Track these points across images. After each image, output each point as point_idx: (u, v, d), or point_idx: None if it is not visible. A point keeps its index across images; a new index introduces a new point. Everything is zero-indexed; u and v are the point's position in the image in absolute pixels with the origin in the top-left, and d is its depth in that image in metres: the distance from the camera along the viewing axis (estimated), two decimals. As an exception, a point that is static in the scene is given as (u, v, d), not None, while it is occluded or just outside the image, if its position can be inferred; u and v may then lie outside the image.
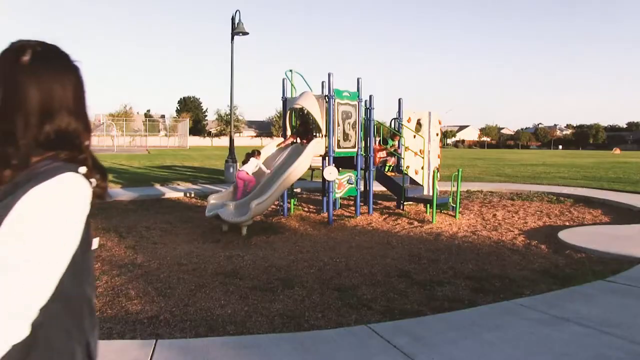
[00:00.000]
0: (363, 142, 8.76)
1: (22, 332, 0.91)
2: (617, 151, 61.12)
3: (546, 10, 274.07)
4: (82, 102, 1.09)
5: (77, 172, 1.01)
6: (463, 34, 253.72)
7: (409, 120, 9.53)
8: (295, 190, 9.26)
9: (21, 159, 0.98)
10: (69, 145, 1.04)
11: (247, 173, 8.10)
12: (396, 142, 9.82)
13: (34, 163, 1.00)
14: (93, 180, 1.05)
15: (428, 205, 8.79)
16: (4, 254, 0.90)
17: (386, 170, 9.81)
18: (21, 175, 0.97)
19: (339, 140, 8.19)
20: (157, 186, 12.65)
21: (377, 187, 9.63)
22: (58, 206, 0.96)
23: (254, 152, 8.43)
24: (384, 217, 8.61)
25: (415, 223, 8.10)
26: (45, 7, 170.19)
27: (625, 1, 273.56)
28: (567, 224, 8.23)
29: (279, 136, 10.06)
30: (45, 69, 1.03)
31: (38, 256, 0.92)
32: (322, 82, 8.80)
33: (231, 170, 13.79)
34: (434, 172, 9.20)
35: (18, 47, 1.03)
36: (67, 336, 1.02)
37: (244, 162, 8.42)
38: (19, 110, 0.99)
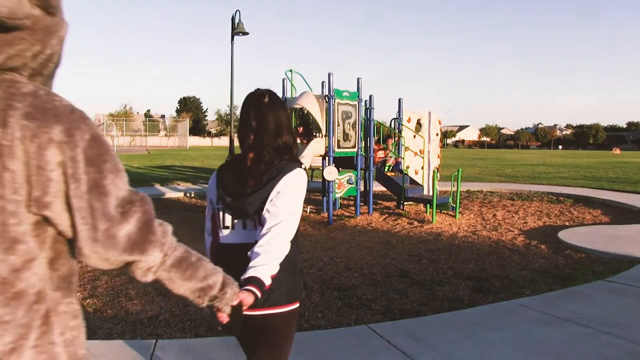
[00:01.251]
0: (363, 142, 8.76)
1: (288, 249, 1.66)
2: (617, 151, 61.09)
3: (546, 10, 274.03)
4: (291, 125, 1.85)
5: (300, 167, 1.76)
6: (463, 34, 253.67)
7: (409, 120, 9.53)
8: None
9: (269, 158, 1.72)
10: (288, 152, 1.77)
11: None
12: (390, 145, 9.83)
13: (275, 163, 1.72)
14: None
15: (428, 205, 8.78)
16: (284, 208, 1.65)
17: (386, 170, 9.80)
18: (271, 170, 1.71)
19: (339, 140, 8.19)
20: (157, 186, 12.65)
21: (377, 187, 9.62)
22: (300, 185, 1.73)
23: None
24: (384, 217, 8.61)
25: (415, 223, 8.10)
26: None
27: (625, 1, 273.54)
28: (567, 224, 8.23)
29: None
30: (275, 106, 1.76)
31: (296, 209, 1.70)
32: (322, 82, 8.80)
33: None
34: (434, 172, 9.20)
35: (260, 93, 1.77)
36: (295, 256, 1.79)
37: None
38: (265, 130, 1.73)
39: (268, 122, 1.72)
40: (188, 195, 11.33)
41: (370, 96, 8.82)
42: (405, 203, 9.27)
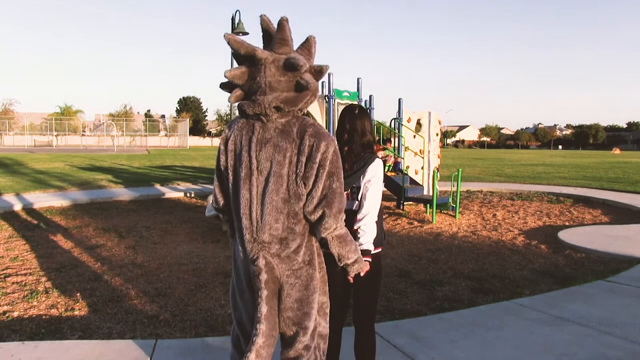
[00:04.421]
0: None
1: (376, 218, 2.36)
2: (616, 151, 61.05)
3: (546, 10, 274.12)
4: (372, 129, 2.52)
5: (379, 158, 2.43)
6: (464, 34, 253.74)
7: (409, 120, 9.53)
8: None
9: (357, 152, 2.41)
10: (370, 148, 2.46)
11: None
12: (389, 148, 9.83)
13: (362, 154, 2.40)
14: None
15: (428, 205, 8.78)
16: (373, 189, 2.34)
17: (386, 170, 9.80)
18: (360, 160, 2.38)
19: (339, 140, 8.19)
20: (157, 186, 12.64)
21: (377, 187, 9.59)
22: (380, 171, 2.40)
23: None
24: (383, 217, 8.59)
25: (415, 223, 8.10)
26: (45, 7, 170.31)
27: (625, 1, 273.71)
28: (567, 224, 8.23)
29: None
30: (362, 115, 2.47)
31: (379, 188, 2.37)
32: (322, 82, 8.80)
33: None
34: (434, 172, 9.20)
35: (352, 107, 2.52)
36: (379, 218, 2.42)
37: None
38: (354, 132, 2.43)
39: (357, 127, 2.43)
40: (188, 195, 11.32)
41: (370, 96, 8.83)
42: (405, 203, 9.27)
